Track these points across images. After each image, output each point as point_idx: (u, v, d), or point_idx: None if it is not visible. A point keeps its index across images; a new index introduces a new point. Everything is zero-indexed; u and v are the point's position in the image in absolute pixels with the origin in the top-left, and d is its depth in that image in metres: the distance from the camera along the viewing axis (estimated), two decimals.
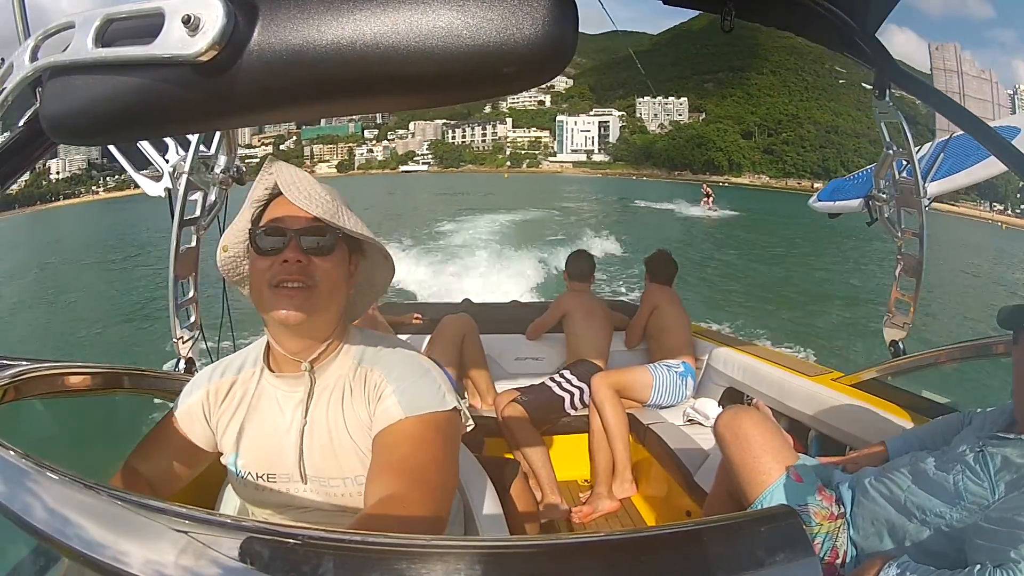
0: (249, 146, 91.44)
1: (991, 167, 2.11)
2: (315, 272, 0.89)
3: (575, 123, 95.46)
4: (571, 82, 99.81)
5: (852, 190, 2.56)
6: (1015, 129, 2.12)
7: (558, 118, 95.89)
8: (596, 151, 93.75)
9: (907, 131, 2.04)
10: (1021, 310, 1.22)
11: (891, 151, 2.12)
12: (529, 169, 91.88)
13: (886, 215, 2.30)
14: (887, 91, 2.01)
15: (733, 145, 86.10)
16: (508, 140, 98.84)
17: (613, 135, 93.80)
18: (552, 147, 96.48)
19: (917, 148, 2.11)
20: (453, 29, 0.35)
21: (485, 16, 0.35)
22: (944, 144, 2.12)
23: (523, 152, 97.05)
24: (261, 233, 0.90)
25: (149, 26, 0.40)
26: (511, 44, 0.35)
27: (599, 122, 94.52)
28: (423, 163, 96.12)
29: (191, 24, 0.38)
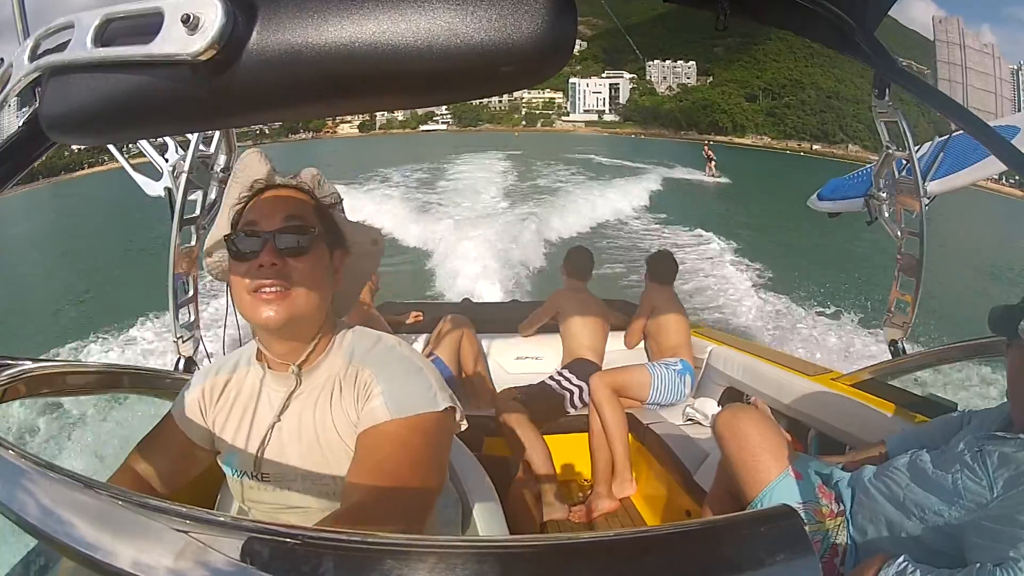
0: None
1: (991, 166, 2.11)
2: (291, 274, 0.89)
3: (587, 85, 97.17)
4: (585, 44, 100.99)
5: (852, 189, 2.56)
6: (1015, 129, 2.12)
7: (571, 80, 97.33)
8: (607, 111, 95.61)
9: (907, 130, 2.04)
10: (1012, 312, 1.20)
11: (891, 150, 2.12)
12: (544, 128, 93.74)
13: (886, 215, 2.30)
14: (887, 91, 2.01)
15: (737, 107, 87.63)
16: (524, 100, 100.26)
17: (623, 96, 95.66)
18: (565, 107, 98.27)
19: (917, 147, 2.11)
20: (452, 28, 0.35)
21: (484, 15, 0.35)
22: (944, 143, 2.12)
23: (538, 112, 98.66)
24: (238, 236, 0.90)
25: (148, 25, 0.40)
26: (510, 43, 0.35)
27: (610, 84, 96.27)
28: (442, 122, 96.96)
29: (190, 23, 0.38)
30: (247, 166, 1.00)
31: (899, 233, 2.24)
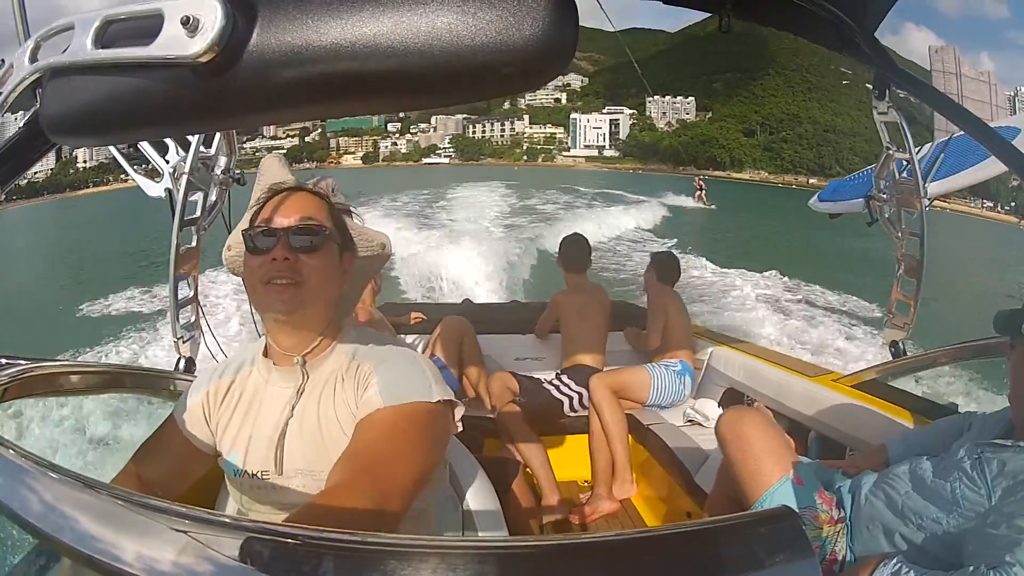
0: (275, 138, 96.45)
1: (991, 167, 2.11)
2: (303, 269, 0.93)
3: (588, 120, 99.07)
4: (587, 80, 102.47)
5: (853, 190, 2.56)
6: (1015, 129, 2.12)
7: (572, 115, 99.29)
8: (607, 147, 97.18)
9: (906, 131, 2.04)
10: (1018, 315, 1.20)
11: (891, 151, 2.12)
12: (544, 163, 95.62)
13: (886, 215, 2.30)
14: (887, 91, 2.01)
15: (735, 143, 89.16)
16: (525, 136, 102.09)
17: (623, 132, 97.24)
18: (566, 143, 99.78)
19: (917, 148, 2.11)
20: (453, 30, 0.35)
21: (485, 17, 0.35)
22: (944, 144, 2.12)
23: (539, 147, 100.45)
24: (254, 234, 0.95)
25: (148, 27, 0.40)
26: (511, 45, 0.35)
27: (610, 120, 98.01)
28: (444, 156, 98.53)
29: (190, 25, 0.38)
30: (268, 168, 1.07)
31: (900, 234, 2.24)
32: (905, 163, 2.14)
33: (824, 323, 8.11)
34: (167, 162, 1.83)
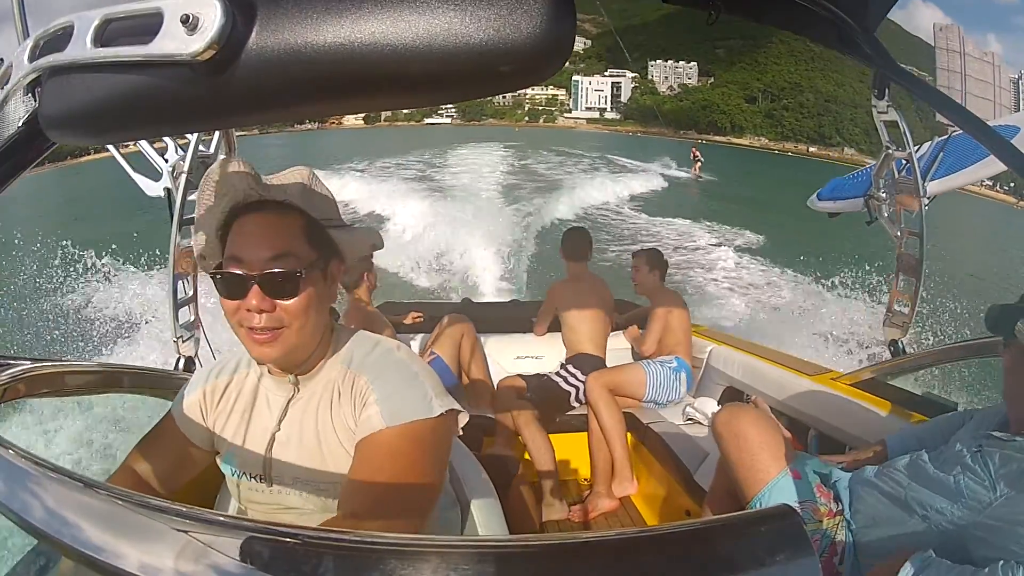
0: None
1: (991, 166, 2.11)
2: (283, 316, 0.86)
3: (590, 83, 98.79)
4: (589, 43, 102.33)
5: (852, 189, 2.56)
6: (1015, 128, 2.12)
7: (574, 78, 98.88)
8: (608, 109, 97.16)
9: (906, 130, 2.05)
10: (1009, 312, 1.20)
11: (890, 150, 2.12)
12: (546, 124, 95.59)
13: (886, 215, 2.30)
14: (887, 90, 2.01)
15: (736, 109, 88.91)
16: (527, 97, 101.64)
17: (625, 95, 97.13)
18: (568, 104, 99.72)
19: (917, 147, 2.11)
20: (451, 28, 0.35)
21: (483, 15, 0.35)
22: (944, 143, 2.12)
23: (540, 108, 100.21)
24: (223, 276, 0.86)
25: (147, 25, 0.40)
26: (508, 43, 0.35)
27: (612, 83, 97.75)
28: (447, 116, 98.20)
29: (189, 23, 0.38)
30: (223, 177, 0.88)
31: (899, 233, 2.24)
32: (904, 162, 2.14)
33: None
34: (166, 161, 1.83)
